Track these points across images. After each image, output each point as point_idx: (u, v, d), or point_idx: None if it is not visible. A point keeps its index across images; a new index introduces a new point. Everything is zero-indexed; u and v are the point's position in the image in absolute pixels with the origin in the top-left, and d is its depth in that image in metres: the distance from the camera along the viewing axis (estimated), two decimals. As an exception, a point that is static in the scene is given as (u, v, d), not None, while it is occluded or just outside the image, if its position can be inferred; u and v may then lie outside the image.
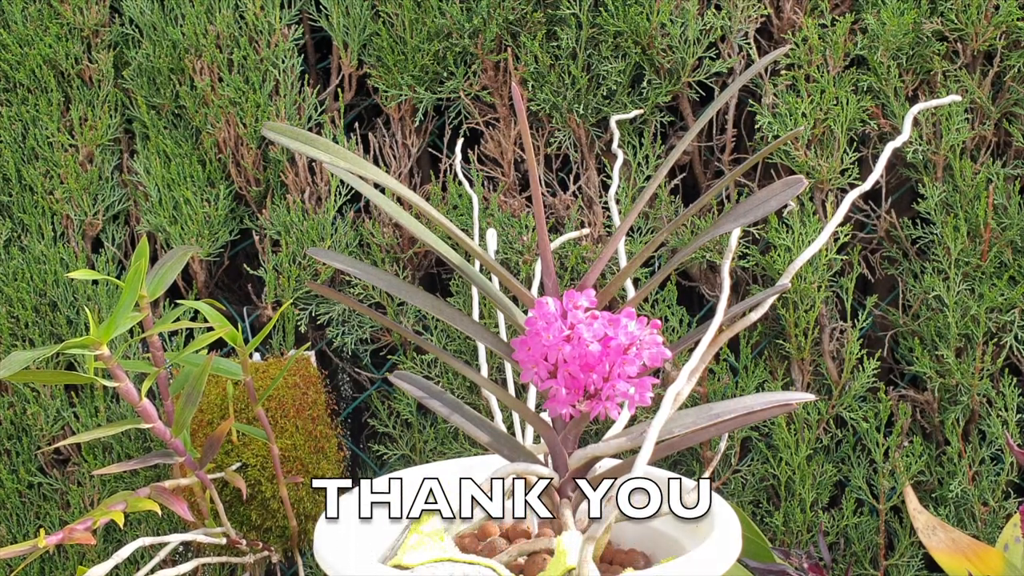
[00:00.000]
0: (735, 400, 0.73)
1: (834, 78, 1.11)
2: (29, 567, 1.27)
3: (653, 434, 0.61)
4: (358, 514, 0.77)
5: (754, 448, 1.15)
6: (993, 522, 1.10)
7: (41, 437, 1.25)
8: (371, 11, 1.20)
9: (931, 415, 1.14)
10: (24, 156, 1.26)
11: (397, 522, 0.79)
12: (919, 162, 1.13)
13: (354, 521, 0.76)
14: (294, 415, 1.10)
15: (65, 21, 1.25)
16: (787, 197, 0.73)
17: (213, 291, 1.28)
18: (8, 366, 0.78)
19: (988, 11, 1.09)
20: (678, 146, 0.76)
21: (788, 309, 1.12)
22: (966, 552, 0.90)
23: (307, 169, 1.20)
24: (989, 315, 1.09)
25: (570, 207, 1.16)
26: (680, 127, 1.20)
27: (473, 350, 1.16)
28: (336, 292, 0.76)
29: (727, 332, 0.74)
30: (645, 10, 1.10)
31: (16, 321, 1.25)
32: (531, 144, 0.86)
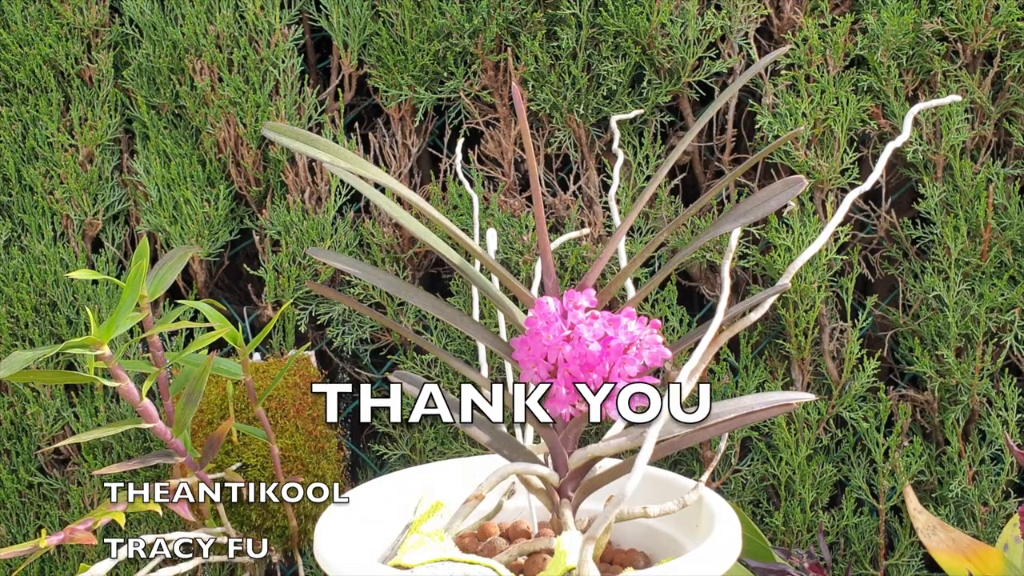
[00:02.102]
0: (735, 400, 0.73)
1: (834, 78, 1.11)
2: (29, 567, 1.27)
3: (653, 434, 0.61)
4: (358, 514, 0.77)
5: (754, 448, 1.15)
6: (993, 522, 1.10)
7: (41, 437, 1.25)
8: (371, 11, 1.20)
9: (931, 415, 1.14)
10: (24, 156, 1.26)
11: (397, 522, 0.79)
12: (919, 162, 1.13)
13: (354, 521, 0.76)
14: (294, 415, 1.10)
15: (65, 21, 1.25)
16: (787, 197, 0.73)
17: (213, 291, 1.28)
18: (8, 366, 0.78)
19: (988, 11, 1.09)
20: (678, 146, 0.76)
21: (788, 309, 1.12)
22: (966, 552, 0.90)
23: (307, 169, 1.20)
24: (989, 315, 1.09)
25: (570, 207, 1.16)
26: (680, 127, 1.20)
27: (473, 350, 1.16)
28: (336, 292, 0.76)
29: (727, 332, 0.74)
30: (645, 10, 1.10)
31: (16, 321, 1.25)
32: (531, 144, 0.86)
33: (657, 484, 0.80)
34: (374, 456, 1.25)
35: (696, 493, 0.74)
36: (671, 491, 0.77)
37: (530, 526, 0.80)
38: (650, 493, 0.77)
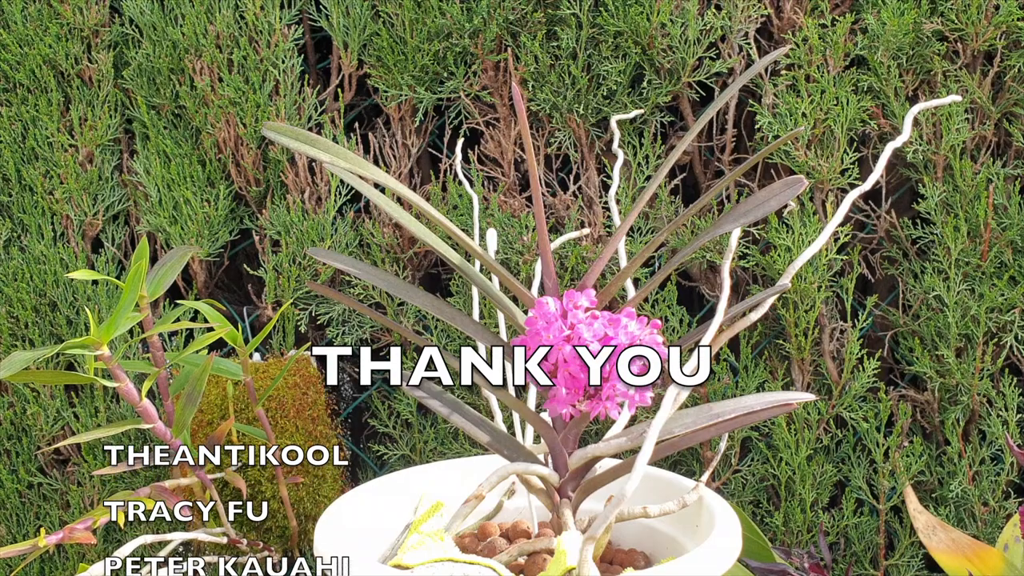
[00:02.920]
0: (735, 400, 0.73)
1: (834, 78, 1.11)
2: (29, 567, 1.27)
3: (653, 434, 0.61)
4: (358, 514, 0.77)
5: (754, 448, 1.15)
6: (993, 522, 1.10)
7: (41, 437, 1.25)
8: (371, 11, 1.20)
9: (931, 415, 1.14)
10: (24, 156, 1.26)
11: (397, 522, 0.79)
12: (919, 162, 1.13)
13: (354, 521, 0.75)
14: (294, 415, 1.10)
15: (65, 21, 1.25)
16: (787, 197, 0.73)
17: (213, 291, 1.28)
18: (8, 366, 0.78)
19: (988, 11, 1.09)
20: (678, 146, 0.76)
21: (788, 309, 1.12)
22: (966, 552, 0.90)
23: (307, 169, 1.20)
24: (989, 315, 1.09)
25: (570, 207, 1.16)
26: (680, 127, 1.20)
27: (473, 350, 1.16)
28: (336, 292, 0.76)
29: (727, 332, 0.74)
30: (645, 10, 1.10)
31: (16, 321, 1.25)
32: (531, 144, 0.86)
33: (657, 484, 0.80)
34: (374, 456, 1.25)
35: (696, 493, 0.74)
36: (671, 491, 0.77)
37: (530, 526, 0.80)
38: (650, 493, 0.77)
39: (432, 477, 0.83)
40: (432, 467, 0.84)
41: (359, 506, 0.77)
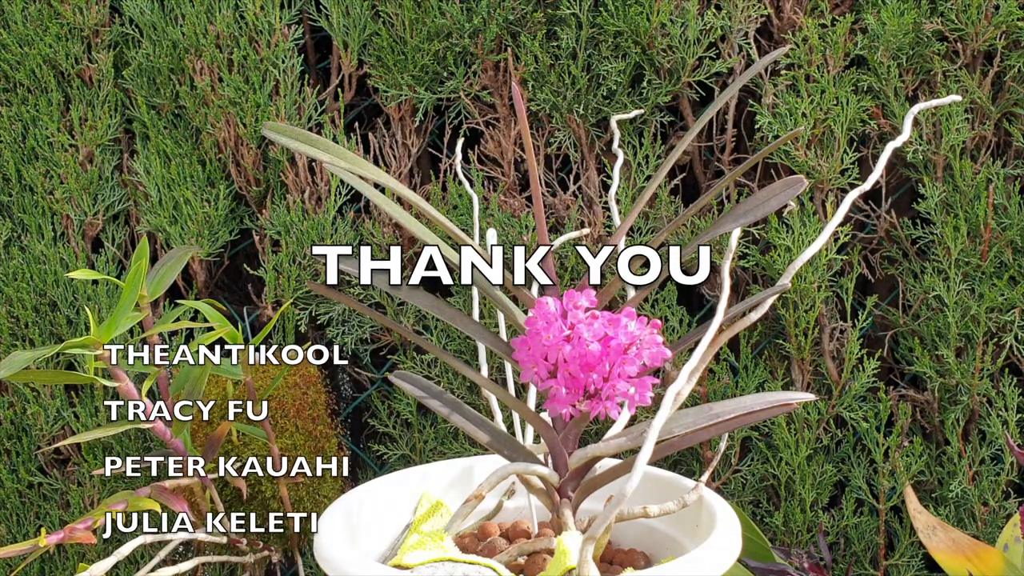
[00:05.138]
0: (735, 400, 0.73)
1: (834, 78, 1.11)
2: (29, 567, 1.27)
3: (653, 434, 0.61)
4: (358, 514, 0.77)
5: (754, 448, 1.15)
6: (993, 522, 1.10)
7: (41, 437, 1.25)
8: (371, 11, 1.20)
9: (931, 415, 1.14)
10: (24, 156, 1.26)
11: (397, 522, 0.79)
12: (919, 162, 1.13)
13: (354, 521, 0.76)
14: (294, 415, 1.10)
15: (65, 21, 1.25)
16: (787, 197, 0.73)
17: (213, 291, 1.28)
18: (8, 366, 0.78)
19: (988, 11, 1.09)
20: (678, 146, 0.76)
21: (788, 309, 1.12)
22: (966, 552, 0.90)
23: (307, 169, 1.20)
24: (989, 315, 1.09)
25: (570, 207, 1.16)
26: (680, 127, 1.20)
27: (473, 350, 1.16)
28: (336, 292, 0.76)
29: (727, 332, 0.74)
30: (645, 10, 1.10)
31: (16, 321, 1.25)
32: (531, 144, 0.86)
33: (657, 484, 0.80)
34: (374, 456, 1.25)
35: (696, 493, 0.74)
36: (671, 491, 0.77)
37: (530, 526, 0.80)
38: (650, 493, 0.77)
39: (432, 477, 0.83)
40: (432, 467, 0.84)
41: (359, 506, 0.77)
